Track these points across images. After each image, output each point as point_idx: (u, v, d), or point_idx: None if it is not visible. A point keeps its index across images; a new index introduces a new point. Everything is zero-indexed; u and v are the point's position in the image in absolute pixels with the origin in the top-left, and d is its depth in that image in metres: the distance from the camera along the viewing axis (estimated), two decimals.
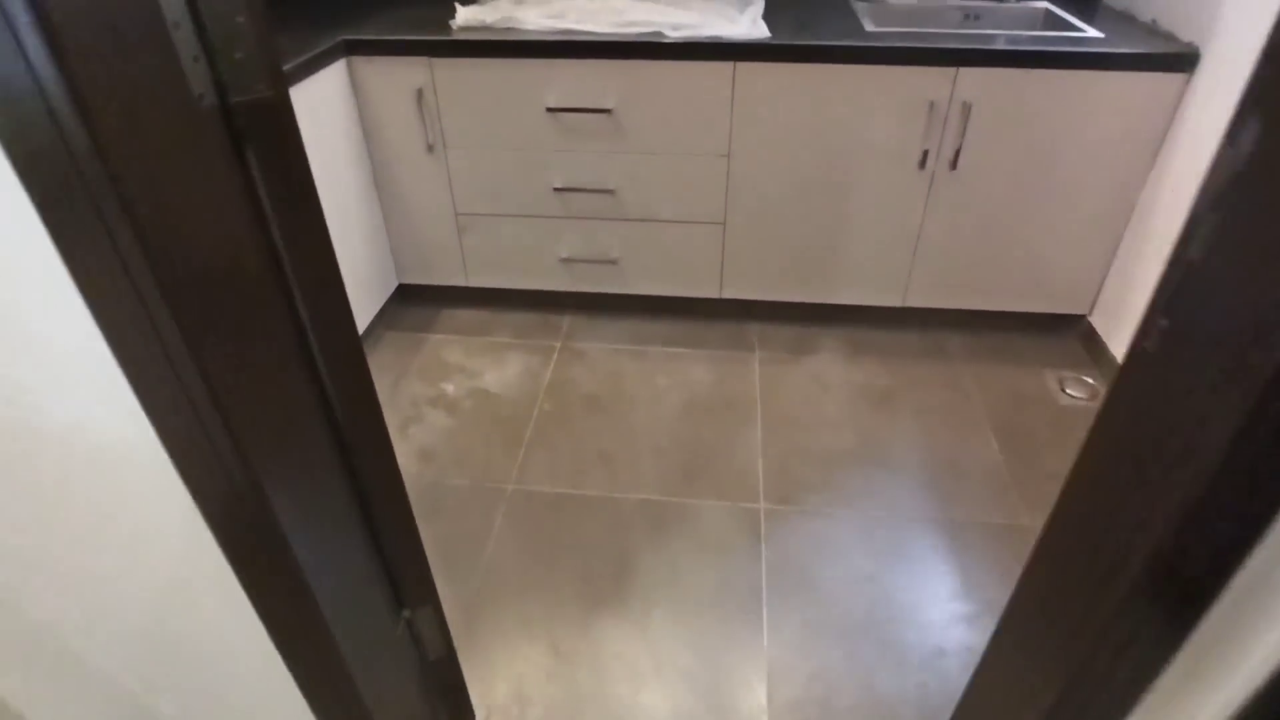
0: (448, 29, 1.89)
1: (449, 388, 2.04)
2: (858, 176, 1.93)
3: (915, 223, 1.99)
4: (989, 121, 1.81)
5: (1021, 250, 2.01)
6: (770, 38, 1.77)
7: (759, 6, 2.00)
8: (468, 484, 1.76)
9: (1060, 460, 1.79)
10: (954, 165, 1.88)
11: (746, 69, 1.80)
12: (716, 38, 1.77)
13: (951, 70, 1.76)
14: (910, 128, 1.85)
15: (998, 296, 2.11)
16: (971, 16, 2.14)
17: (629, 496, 1.72)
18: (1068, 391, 2.02)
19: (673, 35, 1.79)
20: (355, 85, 1.93)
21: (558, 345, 2.18)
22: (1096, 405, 2.04)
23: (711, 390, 2.02)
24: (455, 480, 1.77)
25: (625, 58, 1.81)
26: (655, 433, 1.89)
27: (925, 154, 1.87)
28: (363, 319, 2.08)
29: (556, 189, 2.03)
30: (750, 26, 1.82)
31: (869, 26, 1.87)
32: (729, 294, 2.18)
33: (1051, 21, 2.03)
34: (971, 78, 1.76)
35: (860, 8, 2.08)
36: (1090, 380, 2.04)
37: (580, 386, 2.04)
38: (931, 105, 1.81)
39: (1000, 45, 1.73)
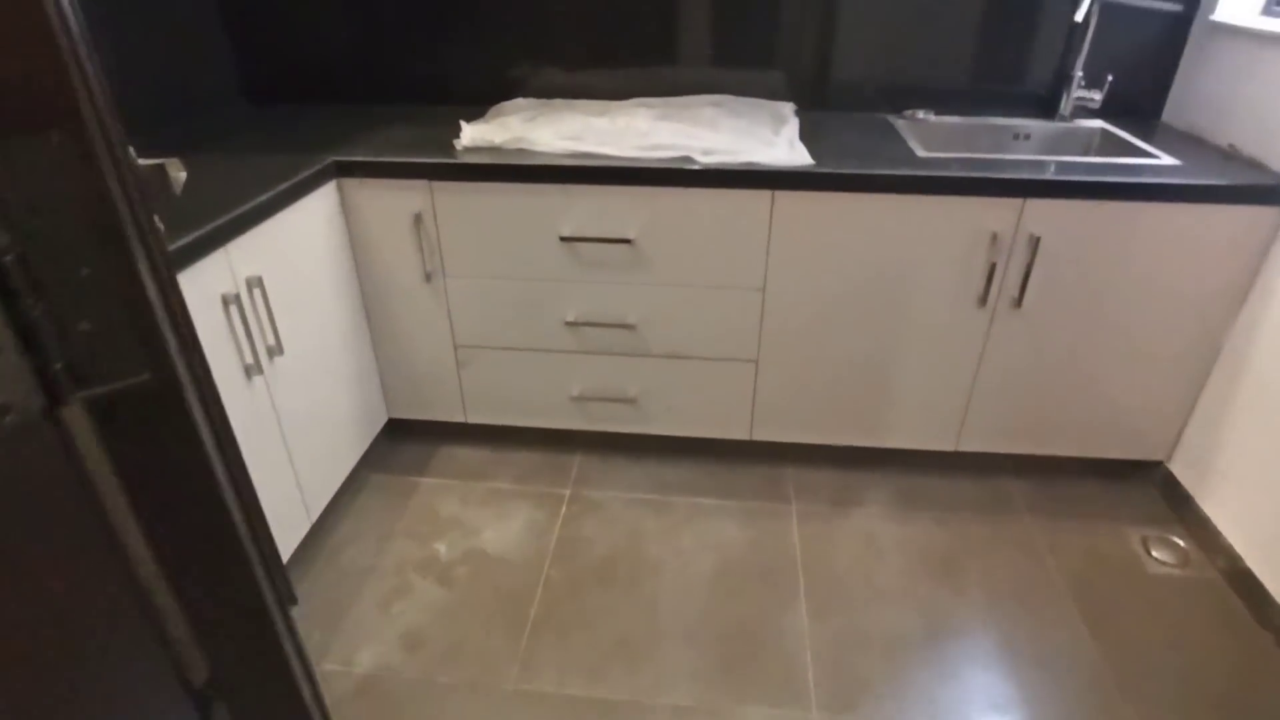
0: (450, 149, 1.70)
1: (442, 548, 1.76)
2: (908, 312, 1.71)
3: (972, 362, 1.77)
4: (1059, 255, 1.61)
5: (1091, 392, 1.78)
6: (813, 165, 1.57)
7: (794, 125, 1.82)
8: (462, 683, 1.46)
9: (1160, 648, 1.51)
10: (1019, 302, 1.67)
11: (786, 198, 1.60)
12: (752, 164, 1.58)
13: (1018, 201, 1.57)
14: (969, 261, 1.64)
15: (1063, 441, 1.87)
16: (1021, 137, 1.98)
17: (657, 702, 1.43)
18: (1154, 555, 1.75)
19: (703, 161, 1.60)
20: (346, 209, 1.72)
21: (566, 494, 1.92)
22: (1190, 574, 1.80)
23: (746, 553, 1.75)
24: (445, 677, 1.47)
25: (649, 184, 1.62)
26: (684, 612, 1.60)
27: (986, 289, 1.66)
28: (347, 461, 1.82)
29: (569, 323, 1.81)
30: (789, 150, 1.64)
31: (920, 151, 1.69)
32: (761, 436, 1.94)
33: (1111, 143, 1.86)
34: (1040, 209, 1.57)
35: (902, 126, 1.92)
36: (1179, 542, 1.78)
37: (593, 547, 1.76)
38: (994, 238, 1.60)
39: (1074, 175, 1.54)
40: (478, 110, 2.02)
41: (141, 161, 0.95)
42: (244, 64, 2.14)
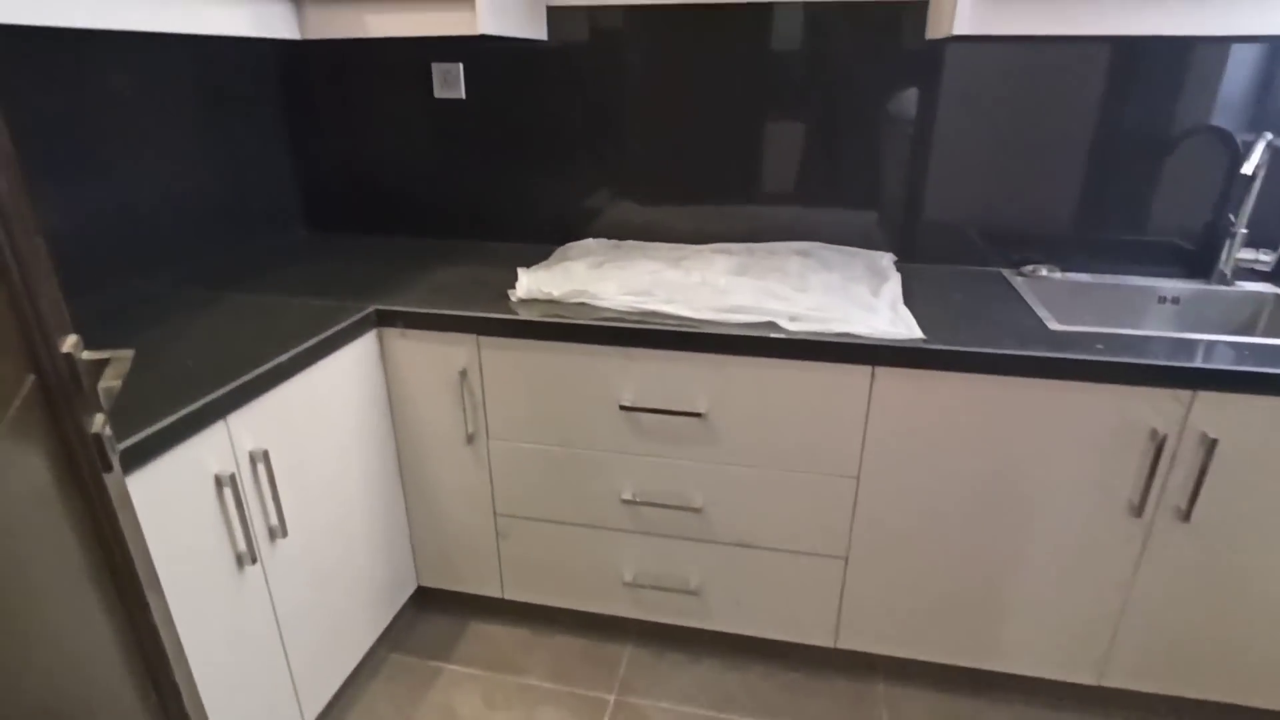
0: (503, 299, 1.53)
1: None
2: (1037, 516, 1.39)
3: (1122, 582, 1.41)
4: (1242, 461, 1.28)
5: (1278, 629, 1.39)
6: (923, 339, 1.31)
7: (896, 283, 1.58)
8: None
9: None
10: (1186, 515, 1.32)
11: (890, 376, 1.34)
12: (850, 336, 1.33)
13: (1185, 394, 1.26)
14: (1120, 462, 1.32)
15: (1240, 685, 1.46)
16: (1168, 300, 1.67)
17: None
18: None
19: (790, 328, 1.36)
20: (386, 360, 1.55)
21: (611, 699, 1.61)
22: None
23: None
24: None
25: (726, 353, 1.39)
26: None
27: (1144, 497, 1.33)
28: (369, 633, 1.58)
29: (625, 500, 1.56)
30: (892, 318, 1.38)
31: (1052, 321, 1.41)
32: (847, 644, 1.60)
33: None
34: (1215, 405, 1.25)
35: (1021, 284, 1.65)
36: None
37: None
38: (1154, 435, 1.29)
39: (1263, 365, 1.23)
40: (545, 250, 1.87)
41: (86, 356, 0.78)
42: (307, 191, 2.08)
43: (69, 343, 0.72)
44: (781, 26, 1.69)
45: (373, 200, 2.06)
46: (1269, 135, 1.53)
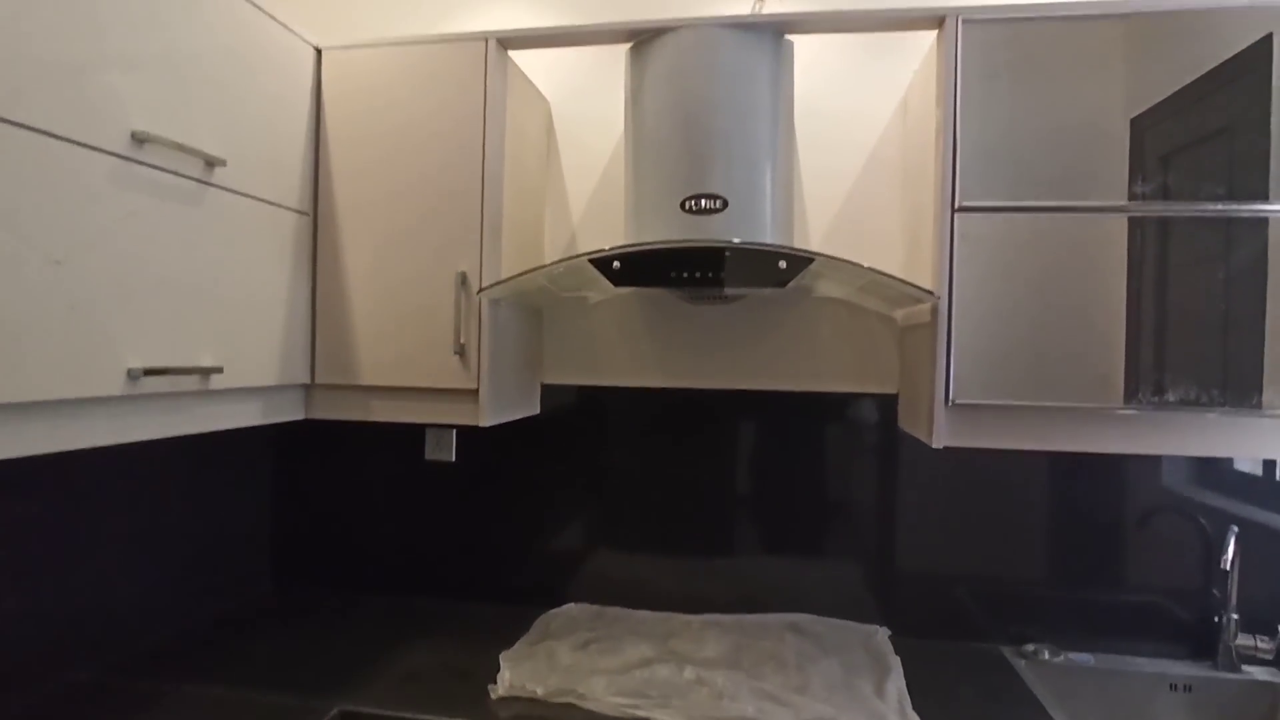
0: (482, 697, 1.40)
1: None
2: None
3: None
4: None
5: None
6: None
7: (900, 678, 1.50)
8: None
9: None
10: None
11: None
12: None
13: None
14: None
15: None
16: (1180, 689, 1.60)
17: None
18: None
19: None
20: None
21: None
22: None
23: None
24: None
25: None
26: None
27: None
28: None
29: None
30: None
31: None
32: None
33: None
34: None
35: (1024, 670, 1.59)
36: None
37: None
38: None
39: None
40: (526, 613, 1.79)
41: None
42: (279, 545, 2.01)
43: None
44: (756, 403, 1.81)
45: (350, 556, 2.00)
46: (1235, 528, 1.59)
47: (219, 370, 1.30)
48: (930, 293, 1.34)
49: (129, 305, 1.13)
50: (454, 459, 1.94)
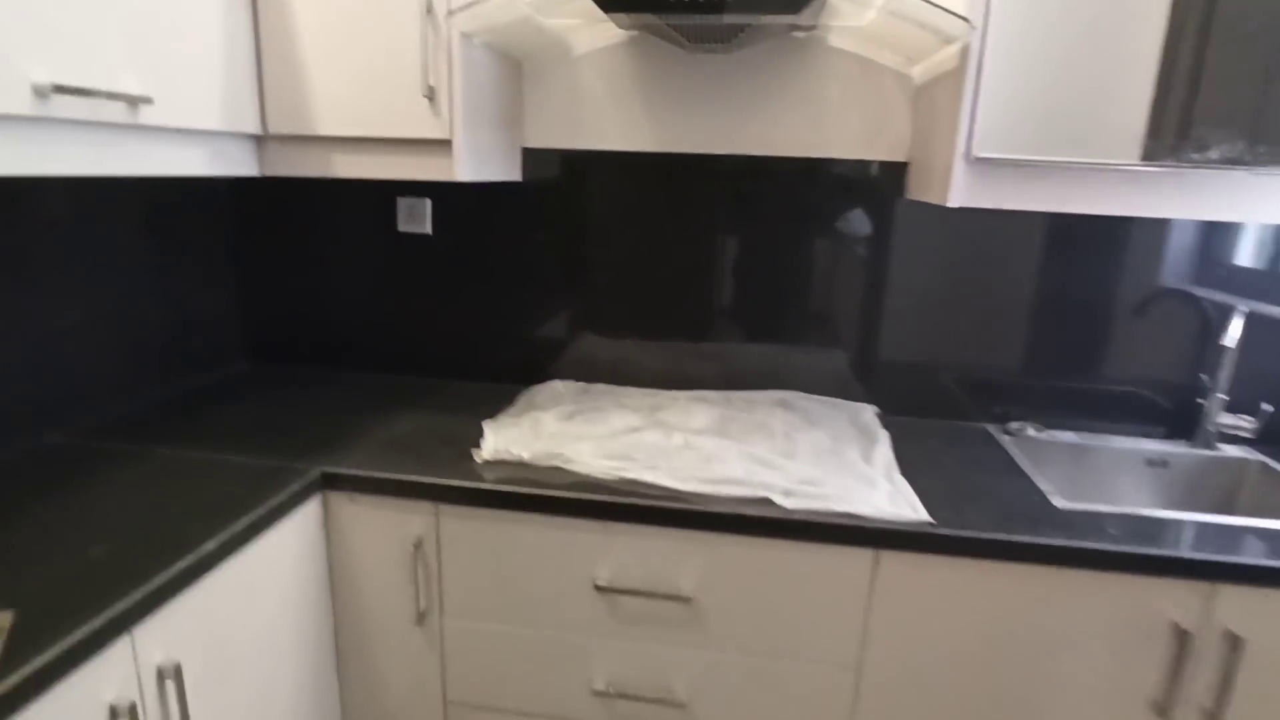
0: (466, 459, 1.38)
1: None
2: (1052, 713, 1.27)
3: None
4: (1273, 662, 1.19)
5: None
6: (931, 523, 1.21)
7: (888, 448, 1.50)
8: None
9: None
10: (1215, 717, 1.22)
11: (895, 561, 1.23)
12: (852, 516, 1.22)
13: (1203, 585, 1.18)
14: (1139, 657, 1.22)
15: None
16: (1158, 464, 1.63)
17: None
18: None
19: (786, 505, 1.25)
20: (330, 529, 1.38)
21: None
22: None
23: None
24: None
25: (715, 530, 1.26)
26: None
27: (1168, 696, 1.22)
28: None
29: (598, 691, 1.37)
30: (892, 493, 1.29)
31: (1057, 498, 1.34)
32: None
33: (1271, 479, 1.51)
34: (1239, 599, 1.17)
35: (1010, 445, 1.60)
36: None
37: None
38: (1176, 629, 1.19)
39: None
40: (509, 390, 1.76)
41: None
42: (252, 320, 1.93)
43: None
44: (751, 174, 1.68)
45: (325, 333, 1.92)
46: (1244, 306, 1.54)
47: (148, 101, 1.13)
48: (966, 20, 1.16)
49: (29, 3, 0.95)
50: (430, 231, 1.81)
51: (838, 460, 1.41)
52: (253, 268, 1.90)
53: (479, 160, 1.45)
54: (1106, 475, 1.62)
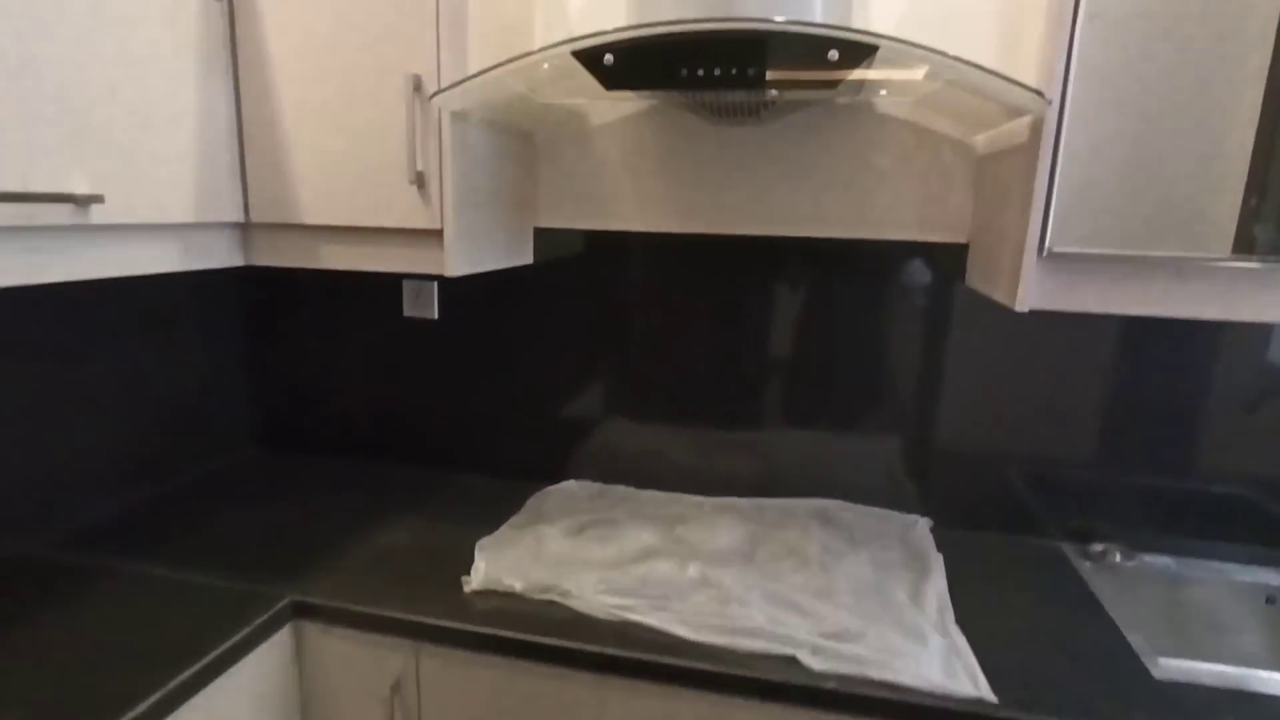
0: (454, 587, 1.22)
1: None
2: None
3: None
4: None
5: None
6: (994, 703, 0.99)
7: (942, 581, 1.28)
8: None
9: None
10: None
11: None
12: (894, 688, 1.01)
13: None
14: None
15: None
16: (1275, 601, 1.36)
17: None
18: None
19: (813, 666, 1.04)
20: (303, 662, 1.23)
21: None
22: None
23: None
24: None
25: (726, 693, 1.06)
26: None
27: None
28: None
29: None
30: (946, 653, 1.07)
31: (1151, 656, 1.09)
32: None
33: None
34: None
35: (1090, 574, 1.36)
36: None
37: None
38: None
39: None
40: (520, 488, 1.60)
41: None
42: (259, 407, 1.83)
43: None
44: (791, 251, 1.50)
45: (334, 422, 1.81)
46: None
47: (98, 199, 1.02)
48: (1040, 94, 0.97)
49: None
50: (436, 316, 1.68)
51: (881, 601, 1.19)
52: (261, 353, 1.80)
53: (475, 250, 1.32)
54: (1215, 617, 1.35)
